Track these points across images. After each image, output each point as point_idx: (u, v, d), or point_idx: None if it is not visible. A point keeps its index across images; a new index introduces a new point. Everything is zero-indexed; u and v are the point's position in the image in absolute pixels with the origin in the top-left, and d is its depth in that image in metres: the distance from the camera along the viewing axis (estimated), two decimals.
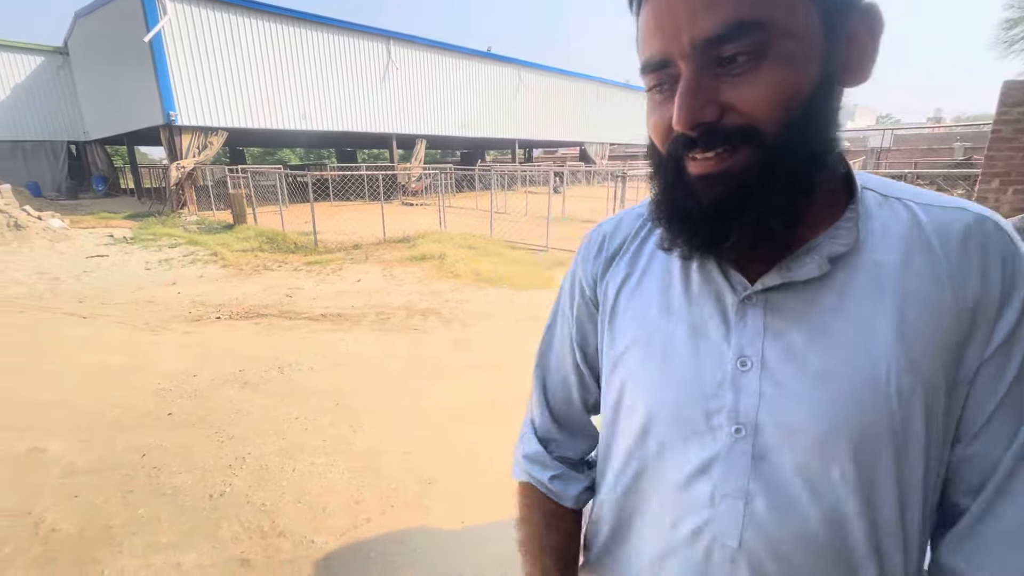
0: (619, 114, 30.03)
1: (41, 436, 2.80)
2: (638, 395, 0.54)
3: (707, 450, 0.48)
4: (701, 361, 0.49)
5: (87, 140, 20.72)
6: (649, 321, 0.54)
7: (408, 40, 18.61)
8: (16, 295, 5.92)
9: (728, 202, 0.44)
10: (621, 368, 0.55)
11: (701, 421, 0.49)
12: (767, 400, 0.46)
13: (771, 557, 0.46)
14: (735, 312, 0.49)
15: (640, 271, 0.57)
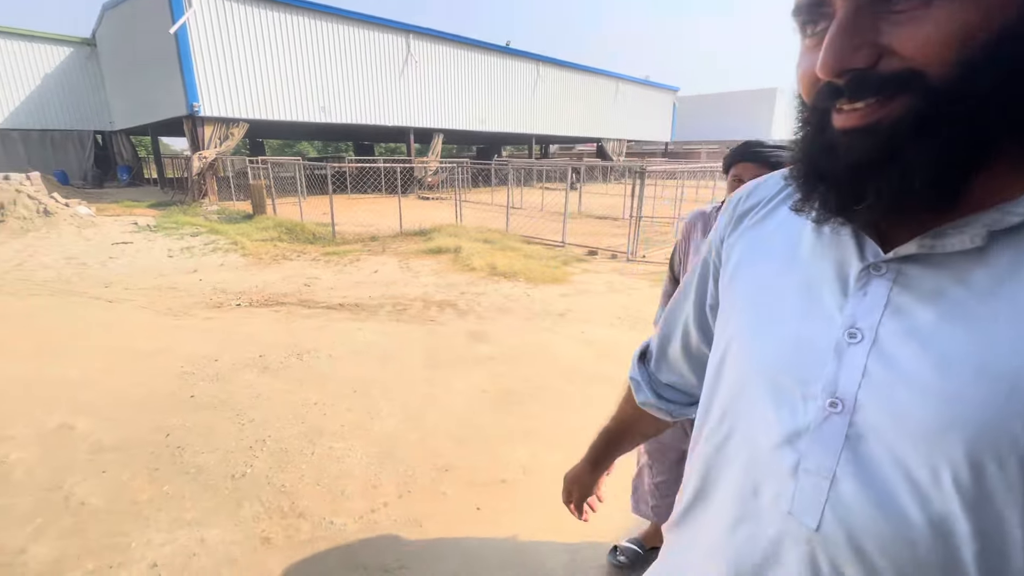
0: (638, 111, 29.77)
1: (70, 413, 2.89)
2: (740, 352, 0.52)
3: (797, 419, 0.45)
4: (807, 325, 0.47)
5: (113, 130, 21.16)
6: (765, 281, 0.52)
7: (427, 34, 18.64)
8: (45, 279, 6.08)
9: (872, 160, 0.39)
10: (731, 325, 0.55)
11: (795, 387, 0.46)
12: (872, 379, 0.42)
13: (850, 549, 0.42)
14: (856, 279, 0.45)
15: (768, 232, 0.55)
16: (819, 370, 0.45)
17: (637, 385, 0.79)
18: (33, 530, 2.01)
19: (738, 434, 0.52)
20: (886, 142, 0.38)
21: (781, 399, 0.47)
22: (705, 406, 0.59)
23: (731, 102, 40.76)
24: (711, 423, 0.57)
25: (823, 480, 0.43)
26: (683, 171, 10.66)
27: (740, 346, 0.53)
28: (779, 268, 0.51)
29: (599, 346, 4.05)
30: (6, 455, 2.50)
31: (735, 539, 0.50)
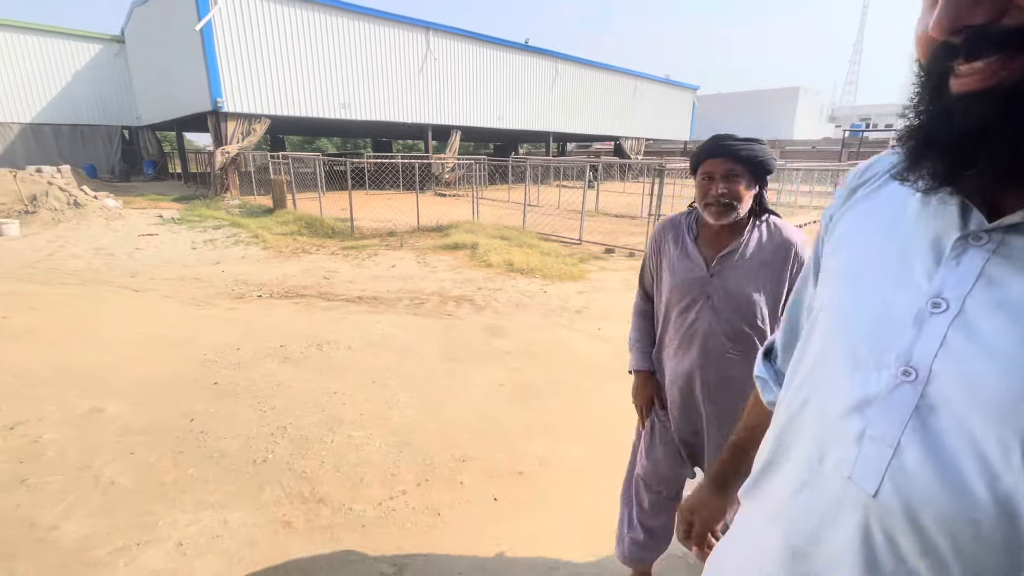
0: (657, 109, 29.48)
1: (100, 397, 2.97)
2: (827, 322, 0.52)
3: (869, 386, 0.45)
4: (893, 292, 0.46)
5: (139, 125, 21.67)
6: (862, 251, 0.51)
7: (447, 31, 18.69)
8: (76, 268, 6.26)
9: (989, 125, 0.36)
10: (824, 294, 0.54)
11: (870, 353, 0.45)
12: (950, 348, 0.41)
13: (906, 520, 0.41)
14: (952, 248, 0.43)
15: (876, 205, 0.54)
16: (896, 339, 0.44)
17: (764, 384, 0.75)
18: (65, 507, 2.08)
19: (812, 403, 0.51)
20: (1006, 104, 0.35)
21: (857, 368, 0.46)
22: (789, 376, 0.59)
23: (752, 101, 40.19)
24: (790, 392, 0.56)
25: (887, 448, 0.42)
26: None
27: (828, 315, 0.52)
28: (878, 239, 0.51)
29: (616, 343, 4.03)
30: (39, 435, 2.58)
31: (796, 503, 0.50)
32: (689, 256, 1.36)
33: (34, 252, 7.10)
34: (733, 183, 1.23)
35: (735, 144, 1.24)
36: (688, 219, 1.41)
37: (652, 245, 1.48)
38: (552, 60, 22.82)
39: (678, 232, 1.41)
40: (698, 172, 1.30)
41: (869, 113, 46.88)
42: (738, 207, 1.24)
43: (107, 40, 20.92)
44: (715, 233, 1.33)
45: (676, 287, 1.36)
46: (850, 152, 25.40)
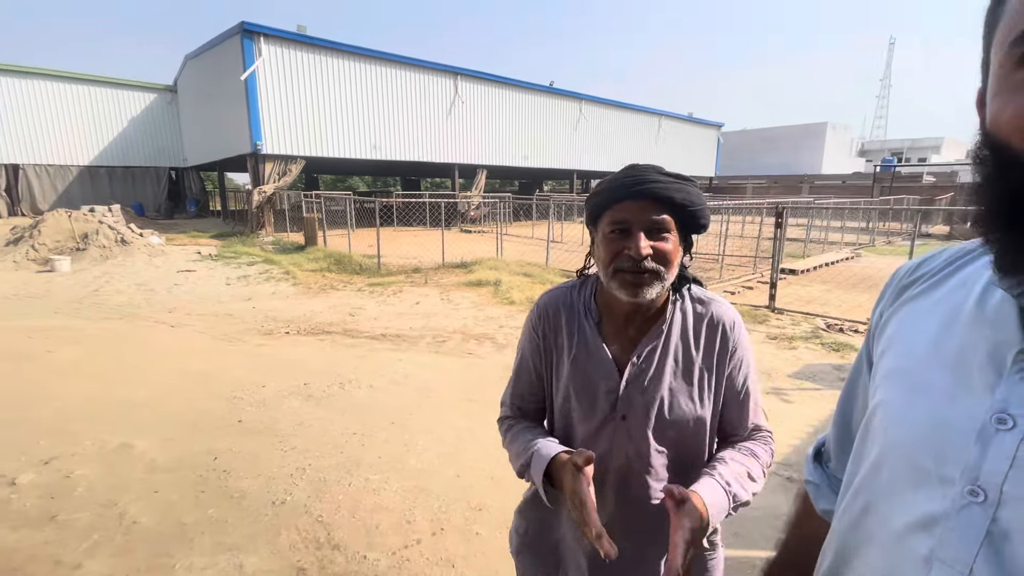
0: (681, 146, 29.74)
1: (130, 433, 3.06)
2: (882, 426, 0.50)
3: (933, 503, 0.42)
4: (952, 404, 0.43)
5: (185, 166, 23.02)
6: (916, 354, 0.49)
7: (474, 76, 19.48)
8: (119, 303, 6.57)
9: None
10: (878, 394, 0.52)
11: (932, 465, 0.43)
12: (1022, 470, 0.38)
13: None
14: (1014, 359, 0.41)
15: (929, 305, 0.51)
16: (959, 453, 0.41)
17: (817, 490, 0.68)
18: (89, 546, 2.12)
19: (874, 513, 0.49)
20: None
21: (919, 480, 0.44)
22: (847, 479, 0.56)
23: (779, 137, 40.09)
24: (848, 497, 0.54)
25: (958, 574, 0.40)
26: (728, 207, 10.47)
27: (882, 419, 0.50)
28: (932, 341, 0.48)
29: None
30: (71, 471, 2.66)
31: None
32: (591, 355, 0.92)
33: (82, 287, 7.49)
34: (661, 240, 0.84)
35: (665, 182, 0.84)
36: (582, 295, 0.98)
37: (531, 337, 0.99)
38: (576, 101, 23.43)
39: (572, 317, 0.96)
40: (603, 220, 0.87)
41: (900, 147, 46.11)
42: (666, 277, 0.84)
43: (161, 89, 22.55)
44: (625, 317, 0.91)
45: (576, 403, 0.93)
46: (882, 187, 24.88)
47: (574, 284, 1.01)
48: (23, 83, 19.60)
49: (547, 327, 0.97)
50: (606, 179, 0.91)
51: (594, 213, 0.90)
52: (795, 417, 3.46)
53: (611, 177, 0.90)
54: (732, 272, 9.21)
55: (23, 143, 19.75)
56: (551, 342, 0.97)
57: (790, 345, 5.02)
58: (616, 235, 0.85)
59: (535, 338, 0.98)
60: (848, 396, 0.65)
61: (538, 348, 0.98)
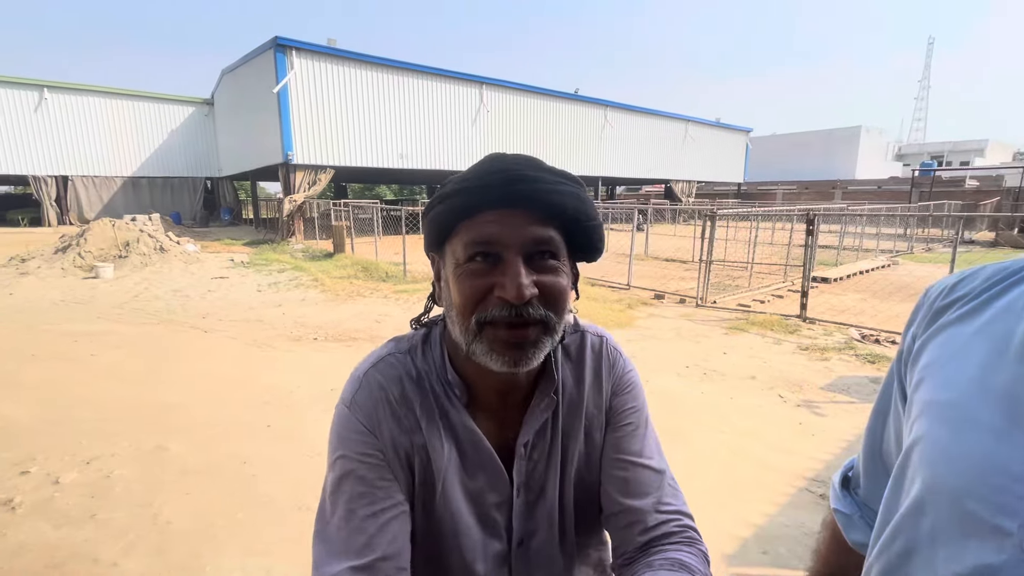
0: (708, 152, 29.31)
1: (165, 436, 3.16)
2: (921, 463, 0.46)
3: (987, 556, 0.40)
4: (1004, 445, 0.40)
5: (220, 176, 23.88)
6: (958, 386, 0.45)
7: (499, 84, 19.67)
8: (156, 309, 6.83)
9: None
10: (915, 431, 0.49)
11: (984, 513, 0.40)
12: None
13: None
14: None
15: (970, 332, 0.48)
16: (1016, 504, 0.38)
17: (848, 520, 0.62)
18: (125, 545, 2.19)
19: (917, 557, 0.46)
20: None
21: (969, 528, 0.41)
22: (884, 515, 0.52)
23: (810, 142, 39.16)
24: (884, 539, 0.50)
25: None
26: (757, 213, 10.25)
27: (924, 456, 0.46)
28: (978, 374, 0.45)
29: (666, 397, 3.88)
30: (111, 471, 2.77)
31: None
32: (469, 456, 0.63)
33: (124, 293, 7.82)
34: (549, 270, 0.56)
35: (552, 181, 0.58)
36: (429, 359, 0.64)
37: (365, 457, 0.60)
38: (601, 108, 23.38)
39: (427, 394, 0.63)
40: (454, 241, 0.58)
41: (940, 150, 44.37)
42: (556, 328, 0.58)
43: (199, 103, 23.50)
44: (497, 391, 0.63)
45: (448, 542, 0.63)
46: (921, 192, 23.96)
47: (410, 345, 0.65)
48: (72, 99, 20.71)
49: (391, 427, 0.61)
50: (454, 178, 0.59)
51: (438, 231, 0.58)
52: (828, 430, 3.35)
53: (466, 173, 0.58)
54: (761, 280, 9.00)
55: (72, 156, 20.84)
56: (406, 450, 0.60)
57: (822, 356, 4.86)
58: (478, 265, 0.55)
59: (374, 455, 0.60)
60: (877, 422, 0.61)
61: (385, 468, 0.60)
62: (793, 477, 2.79)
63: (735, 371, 4.48)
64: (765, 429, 3.37)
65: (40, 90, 19.90)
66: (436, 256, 0.63)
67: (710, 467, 2.90)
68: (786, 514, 2.47)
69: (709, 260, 7.29)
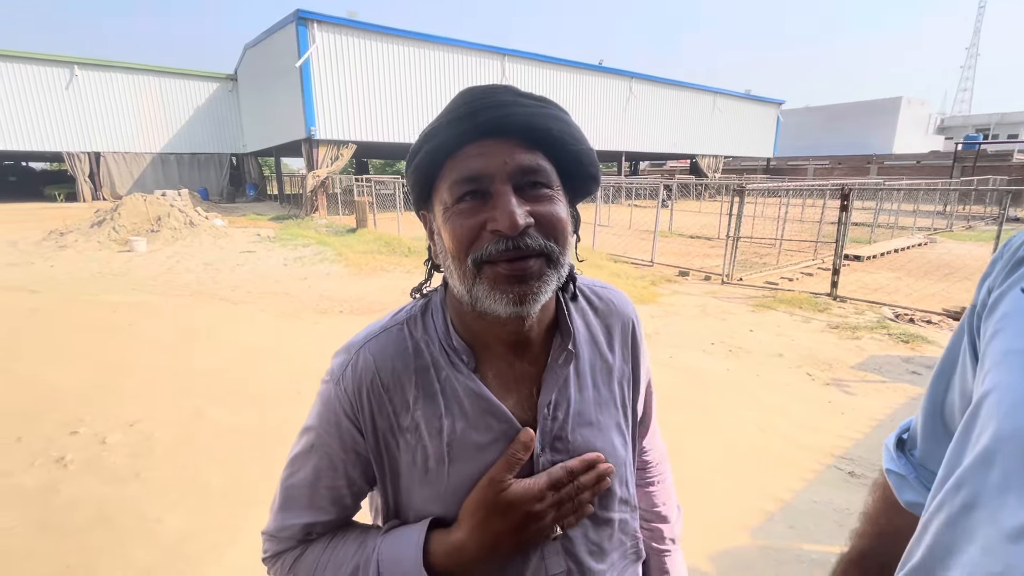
0: (736, 126, 28.37)
1: (201, 401, 3.29)
2: (995, 410, 0.45)
3: None
4: None
5: (245, 152, 24.15)
6: None
7: (521, 56, 19.25)
8: (187, 282, 7.03)
9: None
10: (989, 378, 0.48)
11: None
12: None
13: None
14: None
15: None
16: None
17: (901, 481, 0.61)
18: (168, 502, 2.31)
19: (981, 509, 0.45)
20: None
21: None
22: (945, 471, 0.51)
23: (846, 114, 37.50)
24: (946, 490, 0.49)
25: None
26: (788, 188, 9.91)
27: (997, 405, 0.45)
28: None
29: (690, 373, 3.85)
30: (151, 433, 2.90)
31: None
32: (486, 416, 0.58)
33: (157, 266, 8.06)
34: (543, 201, 0.53)
35: (531, 105, 0.54)
36: (430, 328, 0.61)
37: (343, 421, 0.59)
38: (626, 79, 22.73)
39: (426, 366, 0.59)
40: (440, 184, 0.54)
41: (987, 123, 42.02)
42: (561, 260, 0.54)
43: (223, 79, 23.64)
44: (509, 345, 0.59)
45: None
46: (963, 167, 22.81)
47: (407, 316, 0.61)
48: (102, 75, 21.05)
49: (379, 409, 0.58)
50: (434, 120, 0.54)
51: (423, 182, 0.55)
52: (857, 409, 3.28)
53: (443, 111, 0.53)
54: (790, 258, 8.77)
55: (103, 132, 21.30)
56: (389, 434, 0.58)
57: (853, 335, 4.74)
58: (467, 203, 0.51)
59: (350, 437, 0.59)
60: (940, 382, 0.59)
61: (354, 455, 0.59)
62: (821, 455, 2.76)
63: (762, 349, 4.41)
64: (793, 407, 3.33)
65: (71, 67, 20.27)
66: (426, 213, 0.59)
67: (736, 443, 2.88)
68: (814, 490, 2.45)
69: (736, 237, 7.12)
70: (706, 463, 2.66)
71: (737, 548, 2.08)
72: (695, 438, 2.91)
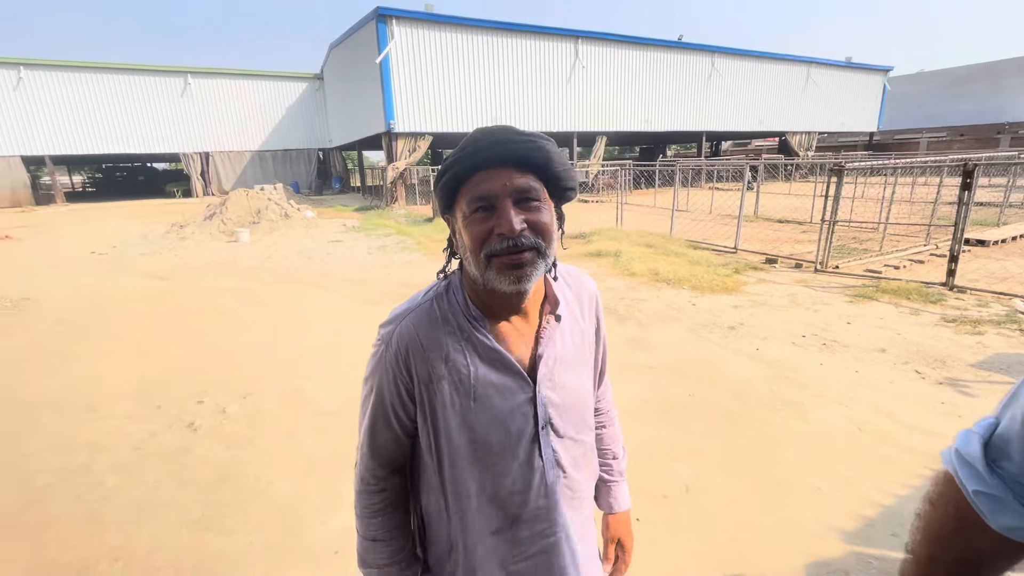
0: (833, 98, 25.87)
1: (301, 379, 3.61)
2: None
3: None
4: None
5: (330, 147, 25.72)
6: None
7: (595, 37, 18.75)
8: (284, 269, 7.67)
9: None
10: None
11: None
12: None
13: None
14: None
15: None
16: None
17: (995, 504, 0.52)
18: (279, 468, 2.58)
19: None
20: None
21: None
22: None
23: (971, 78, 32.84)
24: None
25: None
26: (896, 166, 8.90)
27: None
28: None
29: (779, 367, 3.64)
30: (260, 405, 3.23)
31: None
32: (495, 368, 0.77)
33: (258, 255, 8.86)
34: (533, 210, 0.71)
35: (522, 142, 0.71)
36: (452, 302, 0.79)
37: (394, 375, 0.78)
38: (708, 55, 21.46)
39: (453, 330, 0.77)
40: (460, 201, 0.74)
41: None
42: (548, 252, 0.73)
43: (310, 79, 25.23)
44: (511, 309, 0.79)
45: (486, 434, 0.76)
46: None
47: (434, 294, 0.81)
48: (211, 82, 23.24)
49: (420, 365, 0.77)
50: (452, 152, 0.75)
51: (448, 196, 0.75)
52: (978, 413, 2.92)
53: (456, 149, 0.74)
54: (896, 244, 7.93)
55: (211, 133, 23.57)
56: (429, 384, 0.77)
57: (974, 330, 4.23)
58: (480, 214, 0.71)
59: (399, 373, 0.78)
60: None
61: (402, 400, 0.79)
62: (932, 460, 2.51)
63: (861, 342, 4.06)
64: (898, 406, 3.05)
65: (184, 76, 22.57)
66: (450, 217, 0.79)
67: (829, 442, 2.70)
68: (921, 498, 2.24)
69: (832, 220, 6.55)
70: (796, 462, 2.52)
71: (831, 552, 1.97)
72: (783, 435, 2.76)
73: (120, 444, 2.84)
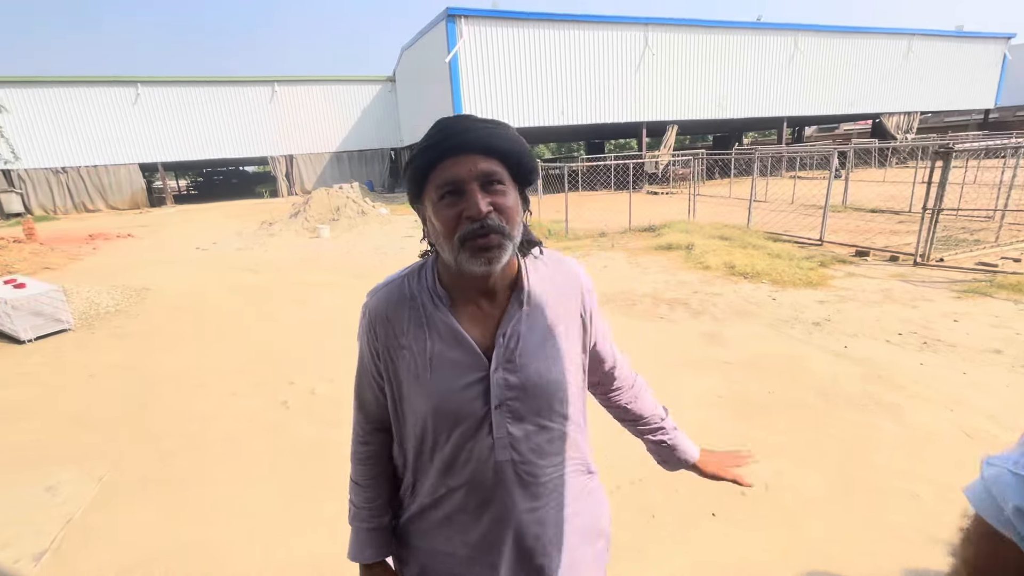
0: (940, 73, 23.28)
1: None
2: None
3: None
4: None
5: (402, 147, 26.73)
6: None
7: (666, 23, 18.09)
8: (362, 264, 8.13)
9: None
10: None
11: None
12: None
13: None
14: None
15: None
16: None
17: None
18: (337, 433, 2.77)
19: None
20: None
21: None
22: None
23: None
24: None
25: None
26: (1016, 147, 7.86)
27: None
28: None
29: (870, 365, 3.39)
30: (345, 388, 3.47)
31: None
32: (450, 345, 0.80)
33: (338, 250, 9.45)
34: (497, 193, 0.74)
35: (483, 129, 0.74)
36: (422, 281, 0.84)
37: (368, 341, 0.87)
38: (790, 34, 20.05)
39: (416, 307, 0.83)
40: (428, 190, 0.76)
41: None
42: (512, 235, 0.76)
43: (383, 81, 26.35)
44: (479, 290, 0.82)
45: (440, 405, 0.80)
46: None
47: (409, 272, 0.87)
48: (295, 89, 24.91)
49: (382, 328, 0.84)
50: (418, 143, 0.78)
51: (416, 186, 0.78)
52: None
53: (422, 140, 0.77)
54: (1016, 233, 7.05)
55: (295, 137, 25.29)
56: (387, 342, 0.83)
57: None
58: (448, 199, 0.74)
59: (370, 339, 0.86)
60: None
61: (376, 351, 0.85)
62: None
63: (970, 342, 3.68)
64: (1015, 414, 2.75)
65: (271, 84, 24.36)
66: (420, 207, 0.82)
67: (931, 447, 2.49)
68: None
69: (937, 208, 5.93)
70: (889, 465, 2.35)
71: (930, 562, 1.83)
72: (875, 437, 2.58)
73: (227, 416, 3.18)
